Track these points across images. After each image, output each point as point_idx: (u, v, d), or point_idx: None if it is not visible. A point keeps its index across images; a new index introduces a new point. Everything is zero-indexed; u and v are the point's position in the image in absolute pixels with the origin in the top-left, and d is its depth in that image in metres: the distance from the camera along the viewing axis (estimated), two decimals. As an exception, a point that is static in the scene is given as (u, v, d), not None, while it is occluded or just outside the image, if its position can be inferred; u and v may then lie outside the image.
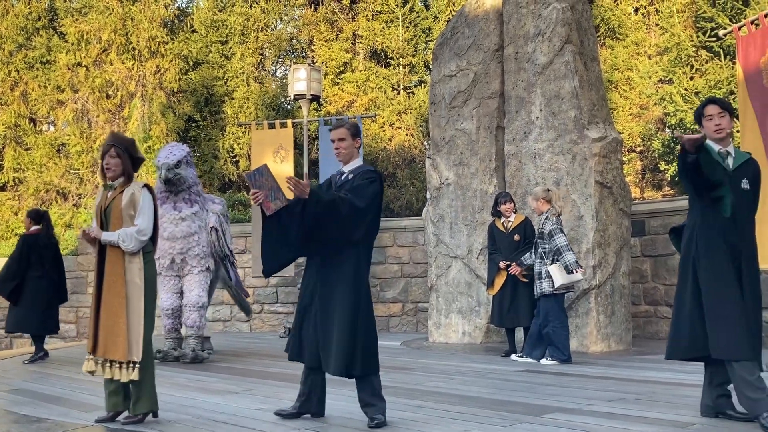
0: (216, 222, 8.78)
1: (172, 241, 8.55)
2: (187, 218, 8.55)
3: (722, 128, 4.75)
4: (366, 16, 18.33)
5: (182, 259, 8.63)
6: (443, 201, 10.78)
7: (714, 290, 4.57)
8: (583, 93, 9.64)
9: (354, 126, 4.85)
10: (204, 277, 8.74)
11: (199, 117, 18.05)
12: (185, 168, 8.47)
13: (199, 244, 8.65)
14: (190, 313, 8.63)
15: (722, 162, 4.73)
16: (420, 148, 17.15)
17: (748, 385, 4.46)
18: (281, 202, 4.48)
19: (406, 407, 5.48)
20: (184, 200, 8.57)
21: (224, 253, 8.91)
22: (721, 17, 12.55)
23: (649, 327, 10.95)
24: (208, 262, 8.79)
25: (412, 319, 13.06)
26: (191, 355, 8.55)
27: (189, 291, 8.68)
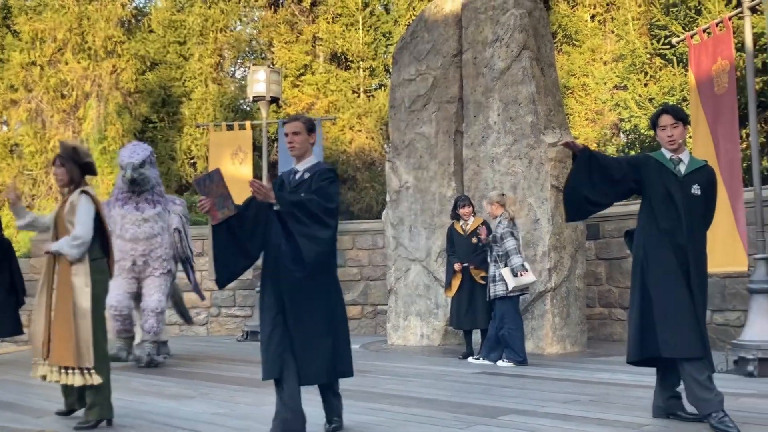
0: (179, 223, 8.65)
1: (135, 243, 8.36)
2: (150, 219, 8.39)
3: (674, 139, 4.86)
4: (326, 19, 18.31)
5: (144, 261, 8.44)
6: (403, 204, 10.82)
7: (664, 290, 4.66)
8: (540, 98, 9.77)
9: (309, 121, 4.56)
10: (164, 280, 8.56)
11: (156, 118, 17.84)
12: (149, 168, 8.33)
13: (161, 246, 8.48)
14: (148, 318, 8.41)
15: (673, 168, 4.84)
16: (380, 151, 17.18)
17: (697, 384, 4.56)
18: (229, 211, 4.19)
19: (363, 410, 5.49)
20: (146, 201, 8.41)
21: (186, 255, 8.78)
22: (674, 25, 12.81)
23: (604, 329, 11.13)
24: (170, 265, 8.64)
25: (371, 321, 13.07)
26: (147, 360, 8.41)
27: (148, 295, 8.45)
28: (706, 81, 8.30)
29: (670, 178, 4.83)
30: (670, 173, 4.84)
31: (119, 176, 8.37)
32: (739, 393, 5.97)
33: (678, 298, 4.62)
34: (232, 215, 4.20)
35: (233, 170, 12.33)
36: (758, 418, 5.01)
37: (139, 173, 8.15)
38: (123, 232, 8.33)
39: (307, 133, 4.49)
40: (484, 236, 8.63)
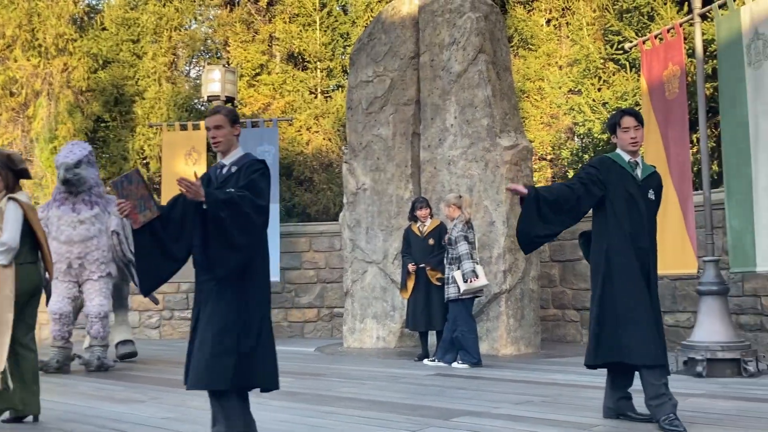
0: (117, 225, 8.41)
1: (70, 245, 8.16)
2: (86, 221, 8.19)
3: (637, 142, 4.86)
4: (283, 19, 18.18)
5: (80, 264, 8.23)
6: (360, 206, 10.79)
7: (629, 297, 4.69)
8: (496, 102, 9.83)
9: (232, 112, 4.29)
10: (105, 283, 8.36)
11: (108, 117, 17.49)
12: (86, 168, 8.14)
13: (98, 248, 8.27)
14: (93, 324, 8.25)
15: (632, 172, 4.87)
16: (337, 153, 17.12)
17: (654, 389, 4.61)
18: (152, 213, 3.92)
19: (317, 413, 5.45)
20: (83, 202, 8.22)
21: (127, 258, 8.56)
22: (627, 31, 13.01)
23: (557, 330, 11.24)
24: (109, 268, 8.42)
25: (327, 324, 13.01)
26: (96, 363, 8.25)
27: (89, 300, 8.28)
28: (658, 86, 8.44)
29: (630, 182, 4.84)
30: (630, 177, 4.85)
31: (58, 176, 8.18)
32: (688, 393, 6.07)
33: (642, 306, 4.67)
34: (155, 217, 3.94)
35: (187, 170, 12.16)
36: (706, 417, 5.09)
37: (73, 173, 7.96)
38: (58, 233, 8.14)
39: (230, 125, 4.21)
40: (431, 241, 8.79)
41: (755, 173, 7.19)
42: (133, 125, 17.47)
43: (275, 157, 12.51)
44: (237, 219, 3.84)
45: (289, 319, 13.08)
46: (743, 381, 6.89)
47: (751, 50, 7.26)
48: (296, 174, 17.06)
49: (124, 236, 8.45)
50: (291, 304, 13.09)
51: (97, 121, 17.66)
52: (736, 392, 6.22)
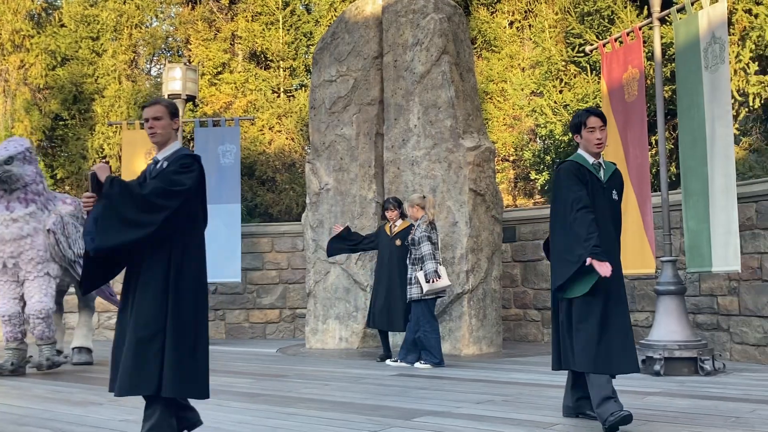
0: (55, 224, 8.14)
1: (2, 244, 7.94)
2: (20, 219, 7.96)
3: (602, 142, 4.83)
4: (245, 17, 18.05)
5: (14, 263, 8.01)
6: (323, 206, 10.75)
7: (581, 303, 4.69)
8: (459, 103, 9.87)
9: (173, 105, 4.17)
10: (43, 282, 8.12)
11: (66, 115, 17.20)
12: (20, 165, 7.92)
13: (33, 247, 8.03)
14: (35, 325, 8.06)
15: (596, 173, 4.82)
16: (300, 153, 17.04)
17: (598, 392, 4.62)
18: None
19: (278, 415, 5.41)
20: (18, 200, 7.99)
21: (68, 259, 8.30)
22: (588, 34, 13.16)
23: (519, 330, 11.33)
24: (47, 268, 8.16)
25: (290, 325, 12.94)
26: (47, 364, 8.07)
27: (29, 299, 8.08)
28: (617, 88, 8.55)
29: (595, 185, 4.79)
30: (595, 179, 4.80)
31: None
32: (646, 392, 6.15)
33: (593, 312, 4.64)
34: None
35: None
36: (664, 415, 5.16)
37: (3, 170, 7.77)
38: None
39: (170, 118, 4.08)
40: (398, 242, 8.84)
41: (711, 175, 7.32)
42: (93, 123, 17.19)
43: (237, 157, 12.40)
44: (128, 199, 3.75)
45: (251, 320, 12.98)
46: (700, 379, 7.00)
47: (708, 54, 7.40)
48: (258, 174, 16.95)
49: (63, 235, 8.23)
50: (253, 304, 13.00)
51: (56, 119, 17.35)
52: (693, 390, 6.32)
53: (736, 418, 5.04)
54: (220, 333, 12.92)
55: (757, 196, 8.25)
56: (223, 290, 12.92)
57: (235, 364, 8.88)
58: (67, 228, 8.25)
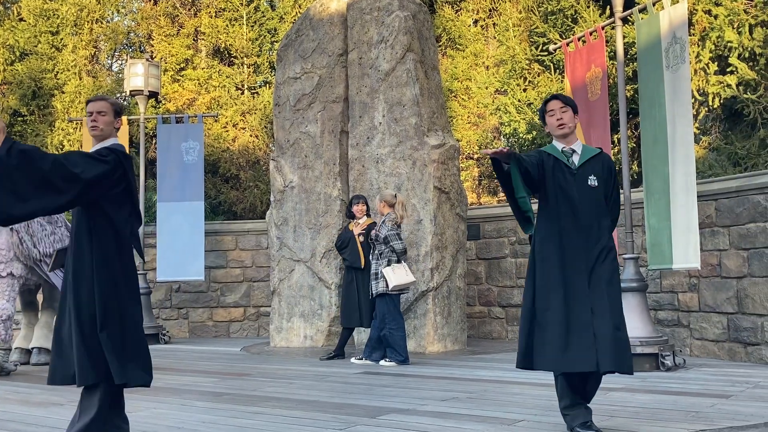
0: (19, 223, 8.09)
1: None
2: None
3: (564, 123, 4.52)
4: (209, 13, 17.86)
5: None
6: (287, 204, 10.69)
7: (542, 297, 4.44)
8: (424, 101, 9.88)
9: (118, 104, 4.17)
10: (7, 284, 7.97)
11: (25, 111, 16.86)
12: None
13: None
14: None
15: (566, 160, 4.53)
16: (264, 150, 16.93)
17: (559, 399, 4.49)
18: None
19: (242, 414, 5.37)
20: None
21: (33, 258, 8.14)
22: (552, 33, 13.27)
23: (483, 327, 11.39)
24: (11, 267, 8.01)
25: (254, 324, 12.85)
26: None
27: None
28: (581, 87, 8.64)
29: (563, 173, 4.50)
30: (563, 167, 4.51)
31: None
32: (609, 387, 6.22)
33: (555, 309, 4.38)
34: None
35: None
36: (625, 410, 5.23)
37: None
38: None
39: (113, 116, 4.11)
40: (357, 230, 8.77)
41: (672, 173, 7.43)
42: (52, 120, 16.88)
43: (200, 154, 12.28)
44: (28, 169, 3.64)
45: (215, 319, 12.87)
46: (661, 375, 7.11)
47: (670, 54, 7.50)
48: (222, 171, 16.79)
49: (27, 234, 8.07)
50: (216, 303, 12.88)
51: (14, 114, 16.99)
52: (654, 386, 6.41)
53: (696, 412, 5.13)
54: (184, 332, 12.79)
55: (717, 195, 8.39)
56: (187, 288, 12.79)
57: (198, 363, 8.79)
58: (32, 226, 8.09)
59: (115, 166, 3.92)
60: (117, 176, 3.92)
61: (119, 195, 3.96)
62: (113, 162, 3.91)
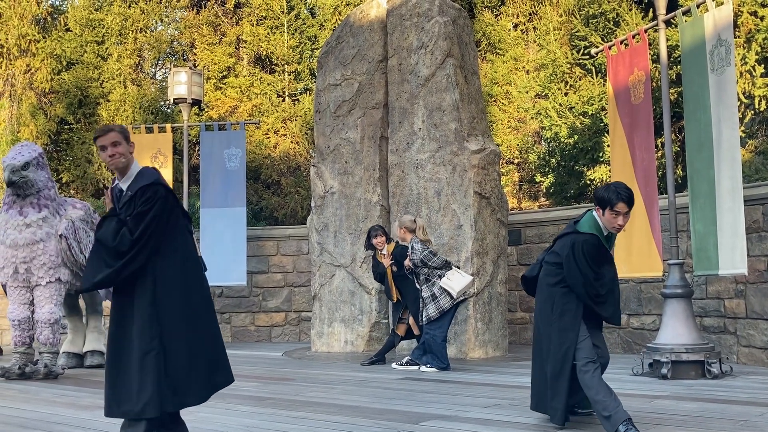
0: (67, 229, 8.17)
1: (15, 249, 7.97)
2: (33, 224, 7.98)
3: (622, 228, 4.88)
4: (250, 21, 18.06)
5: (26, 268, 8.04)
6: (327, 209, 10.75)
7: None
8: (464, 106, 9.86)
9: (124, 129, 4.18)
10: (55, 289, 8.17)
11: (72, 119, 17.23)
12: (35, 170, 7.95)
13: (45, 252, 8.06)
14: (42, 330, 8.11)
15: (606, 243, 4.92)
16: (305, 156, 17.05)
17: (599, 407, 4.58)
18: None
19: (284, 418, 5.40)
20: (31, 205, 8.02)
21: (80, 263, 8.31)
22: (593, 36, 13.15)
23: (525, 333, 11.29)
24: (59, 273, 8.20)
25: (295, 328, 12.94)
26: (44, 371, 8.06)
27: (39, 307, 8.12)
28: (623, 91, 8.54)
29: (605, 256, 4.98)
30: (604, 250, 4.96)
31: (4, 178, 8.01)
32: (654, 395, 6.13)
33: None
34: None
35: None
36: (671, 419, 5.15)
37: (20, 176, 7.79)
38: (4, 237, 7.99)
39: (126, 143, 4.12)
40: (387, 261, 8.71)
41: (718, 177, 7.30)
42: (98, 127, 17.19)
43: (242, 161, 12.42)
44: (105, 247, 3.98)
45: (257, 323, 12.99)
46: (707, 382, 6.98)
47: (714, 56, 7.38)
48: (264, 177, 16.96)
49: (74, 240, 8.25)
50: (258, 308, 13.00)
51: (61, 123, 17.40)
52: (700, 394, 6.30)
53: (745, 421, 5.02)
54: (226, 336, 12.92)
55: (764, 199, 8.22)
56: (229, 293, 12.92)
57: (241, 368, 8.87)
58: (78, 233, 8.29)
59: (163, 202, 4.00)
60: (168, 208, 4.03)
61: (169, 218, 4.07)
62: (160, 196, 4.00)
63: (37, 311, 8.14)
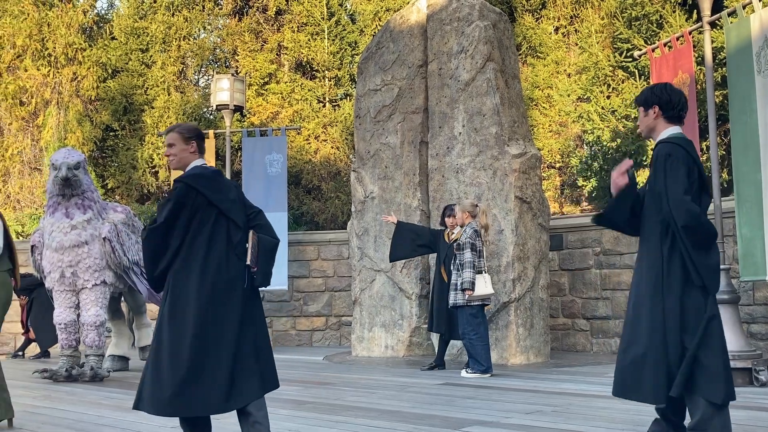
0: (109, 232, 8.30)
1: (60, 253, 8.13)
2: (78, 226, 8.13)
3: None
4: (291, 28, 18.23)
5: (72, 272, 8.20)
6: (368, 214, 10.78)
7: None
8: (504, 110, 9.81)
9: (189, 129, 4.19)
10: (100, 292, 8.33)
11: (117, 126, 17.57)
12: (83, 172, 8.16)
13: (90, 255, 8.21)
14: (88, 332, 8.28)
15: None
16: (345, 161, 17.14)
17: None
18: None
19: (325, 422, 5.43)
20: (76, 206, 8.17)
21: (123, 265, 8.47)
22: (636, 39, 12.99)
23: (567, 339, 11.18)
24: (104, 276, 8.35)
25: (336, 333, 12.99)
26: (90, 374, 8.21)
27: (85, 310, 8.27)
28: (667, 94, 8.40)
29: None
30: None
31: (50, 180, 8.17)
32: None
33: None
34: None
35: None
36: None
37: (73, 173, 7.98)
38: (51, 241, 8.15)
39: (184, 143, 4.12)
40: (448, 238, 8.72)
41: (765, 180, 7.15)
42: (142, 134, 17.53)
43: (284, 166, 12.53)
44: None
45: (298, 328, 13.07)
46: (755, 390, 6.83)
47: (761, 58, 7.24)
48: (304, 182, 17.08)
49: (118, 243, 8.39)
50: (299, 312, 13.08)
51: (106, 130, 17.75)
52: (748, 402, 6.16)
53: (795, 431, 4.91)
54: (267, 340, 13.01)
55: (814, 203, 8.02)
56: (270, 298, 13.03)
57: (282, 372, 8.91)
58: (121, 235, 8.43)
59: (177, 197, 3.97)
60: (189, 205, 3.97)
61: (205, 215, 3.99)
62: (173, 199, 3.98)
63: (82, 314, 8.30)
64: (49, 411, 6.19)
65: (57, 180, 7.96)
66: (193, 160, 4.16)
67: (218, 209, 4.02)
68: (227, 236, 4.03)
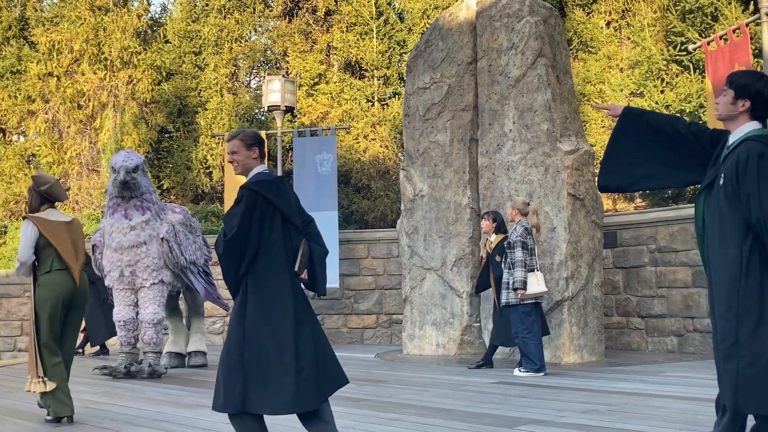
0: (168, 232, 8.45)
1: (120, 253, 8.31)
2: (137, 227, 8.30)
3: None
4: (340, 28, 18.34)
5: (131, 271, 8.37)
6: (417, 213, 10.79)
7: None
8: (556, 106, 9.72)
9: (250, 136, 4.24)
10: (158, 291, 8.50)
11: (171, 128, 17.92)
12: (141, 175, 8.35)
13: (148, 255, 8.37)
14: (146, 330, 8.46)
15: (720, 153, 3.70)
16: (394, 160, 17.17)
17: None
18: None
19: (379, 420, 5.46)
20: (135, 207, 8.34)
21: (181, 265, 8.63)
22: (690, 32, 12.74)
23: (622, 338, 11.03)
24: (162, 275, 8.51)
25: (387, 331, 13.03)
26: (148, 371, 8.38)
27: (143, 308, 8.46)
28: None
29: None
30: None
31: (110, 182, 8.37)
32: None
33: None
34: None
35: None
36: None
37: (131, 176, 8.16)
38: (110, 241, 8.35)
39: (247, 149, 4.16)
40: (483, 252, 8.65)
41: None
42: (196, 135, 17.84)
43: (333, 165, 12.62)
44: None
45: (349, 325, 13.15)
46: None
47: (823, 49, 7.04)
48: (354, 181, 17.17)
49: (175, 243, 8.55)
50: (350, 310, 13.16)
51: (161, 131, 18.11)
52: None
53: None
54: (319, 338, 13.12)
55: None
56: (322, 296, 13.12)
57: (334, 370, 8.99)
58: (179, 236, 8.60)
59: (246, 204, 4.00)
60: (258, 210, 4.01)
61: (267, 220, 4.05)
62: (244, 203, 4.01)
63: (141, 312, 8.50)
64: (108, 407, 6.35)
65: (116, 183, 8.16)
66: (255, 166, 4.23)
67: (282, 214, 4.10)
68: (291, 240, 4.13)
